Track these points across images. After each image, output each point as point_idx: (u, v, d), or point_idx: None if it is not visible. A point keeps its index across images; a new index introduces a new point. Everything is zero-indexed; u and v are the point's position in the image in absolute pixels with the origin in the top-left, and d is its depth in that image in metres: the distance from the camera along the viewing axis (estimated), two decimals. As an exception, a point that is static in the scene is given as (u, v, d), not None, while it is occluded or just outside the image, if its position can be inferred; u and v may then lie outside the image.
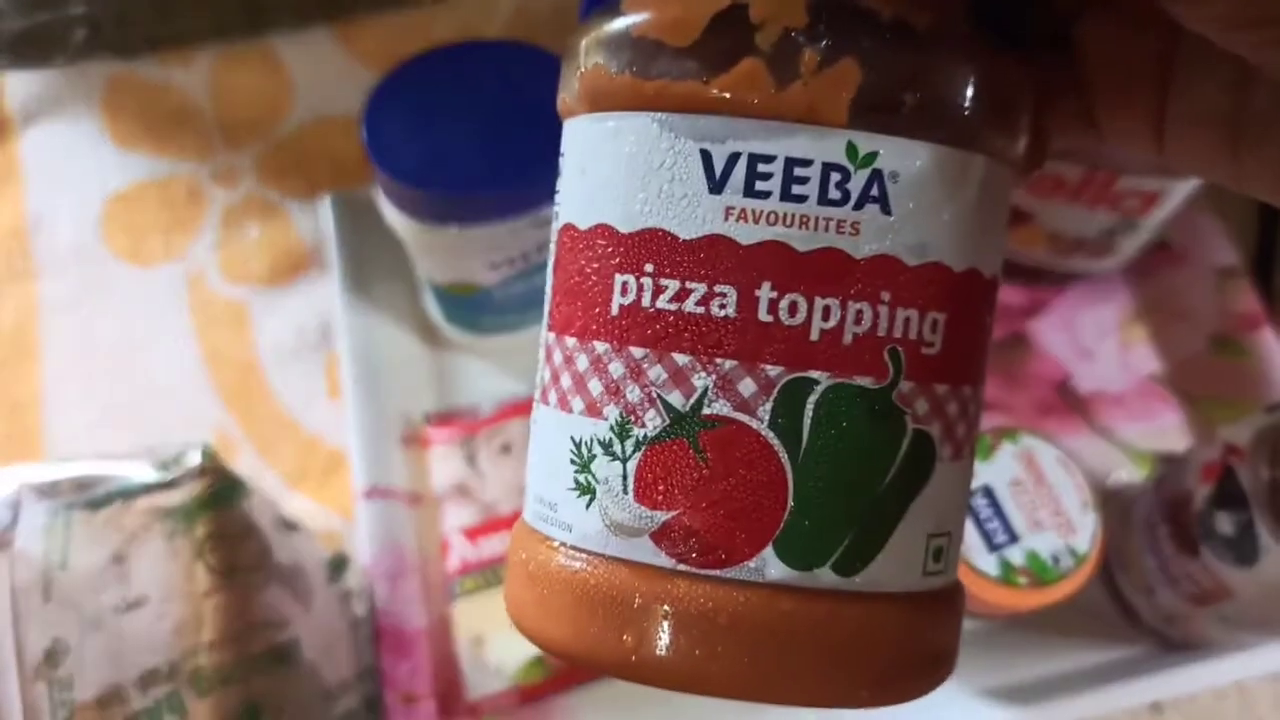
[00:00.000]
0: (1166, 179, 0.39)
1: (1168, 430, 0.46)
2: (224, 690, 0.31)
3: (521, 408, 0.43)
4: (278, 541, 0.35)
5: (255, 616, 0.32)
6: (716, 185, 0.17)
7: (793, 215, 0.17)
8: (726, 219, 0.17)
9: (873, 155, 0.17)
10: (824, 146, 0.17)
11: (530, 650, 0.39)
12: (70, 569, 0.32)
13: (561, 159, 0.20)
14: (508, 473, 0.42)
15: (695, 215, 0.17)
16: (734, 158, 0.17)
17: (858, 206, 0.17)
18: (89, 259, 0.49)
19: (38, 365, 0.47)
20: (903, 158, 0.17)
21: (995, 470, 0.31)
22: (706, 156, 0.17)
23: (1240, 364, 0.47)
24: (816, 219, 0.17)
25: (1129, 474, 0.44)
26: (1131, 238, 0.44)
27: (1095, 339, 0.47)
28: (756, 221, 0.17)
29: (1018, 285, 0.48)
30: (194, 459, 0.33)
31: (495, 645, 0.39)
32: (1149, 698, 0.40)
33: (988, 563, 0.30)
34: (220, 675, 0.31)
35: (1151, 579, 0.38)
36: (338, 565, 0.40)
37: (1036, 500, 0.31)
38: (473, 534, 0.41)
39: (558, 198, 0.20)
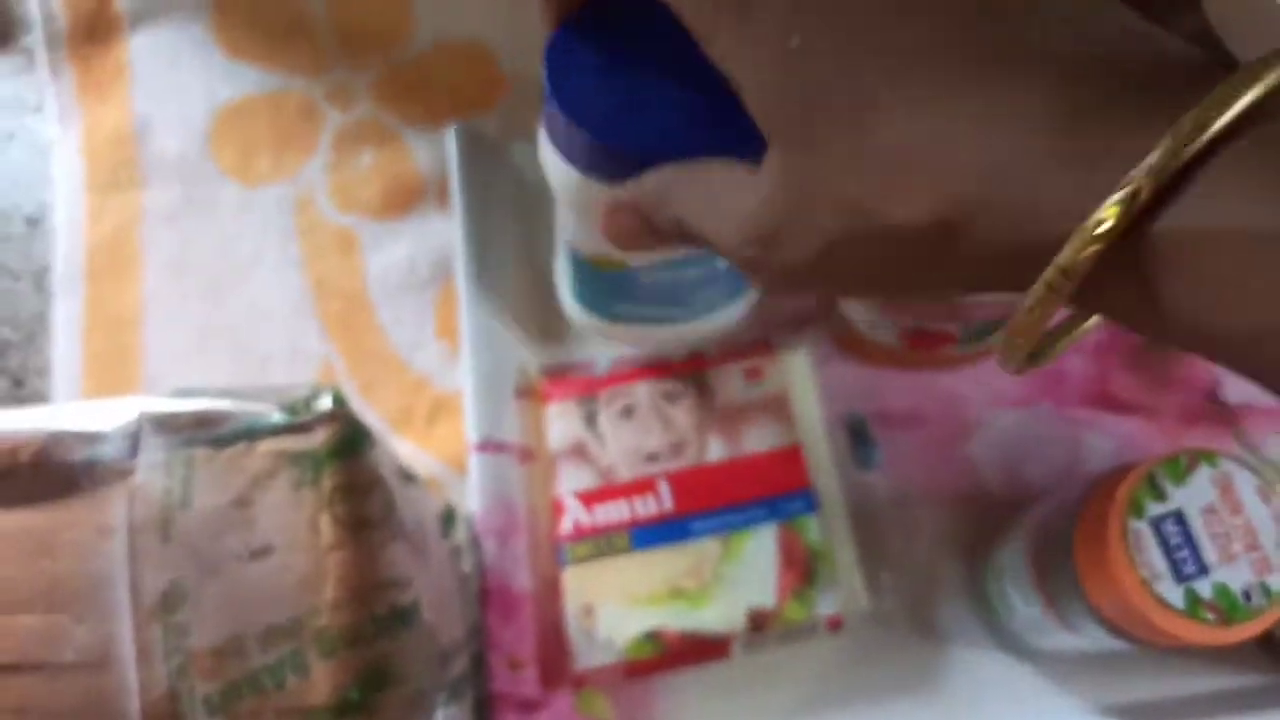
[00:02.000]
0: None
1: (1321, 450, 0.43)
2: (347, 652, 0.29)
3: (643, 371, 0.41)
4: (400, 494, 0.33)
5: (380, 575, 0.31)
6: None
7: None
8: None
9: None
10: None
11: (642, 625, 0.37)
12: (192, 509, 0.30)
13: None
14: (627, 437, 0.40)
15: None
16: None
17: None
18: (194, 173, 0.47)
19: (138, 281, 0.46)
20: None
21: (1189, 495, 0.29)
22: None
23: None
24: None
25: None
26: None
27: (1250, 345, 0.44)
28: None
29: None
30: (324, 403, 0.32)
31: (605, 617, 0.37)
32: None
33: (1174, 594, 0.28)
34: (345, 636, 0.29)
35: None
36: (449, 519, 0.38)
37: (1231, 530, 0.29)
38: (589, 499, 0.39)
39: None
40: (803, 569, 0.38)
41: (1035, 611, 0.34)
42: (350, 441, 0.31)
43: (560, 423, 0.40)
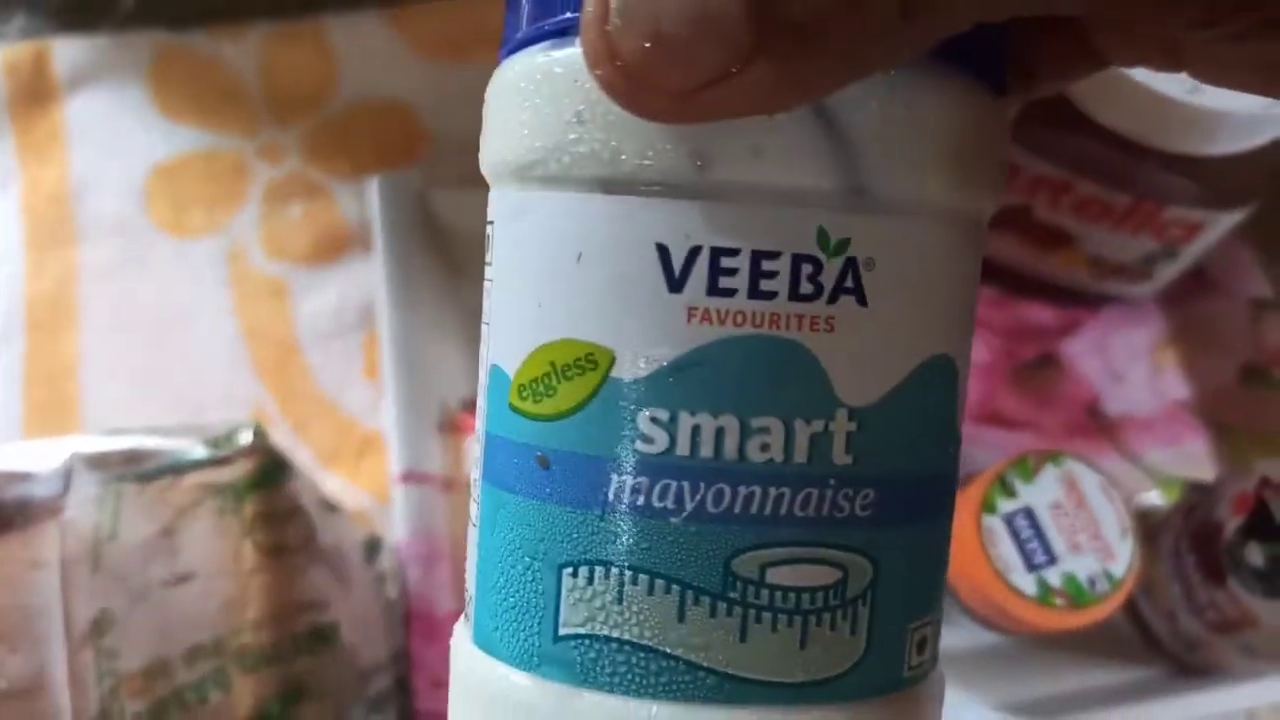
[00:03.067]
0: (1213, 211, 0.40)
1: (1194, 457, 0.46)
2: (268, 669, 0.31)
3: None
4: (321, 522, 0.35)
5: (299, 596, 0.33)
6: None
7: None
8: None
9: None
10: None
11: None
12: (120, 540, 0.32)
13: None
14: (543, 465, 0.42)
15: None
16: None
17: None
18: (131, 228, 0.49)
19: (76, 333, 0.48)
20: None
21: (1037, 492, 0.32)
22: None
23: (1271, 396, 0.47)
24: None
25: (1155, 497, 0.45)
26: (1170, 266, 0.44)
27: (1126, 362, 0.48)
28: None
29: (1052, 306, 0.48)
30: (245, 438, 0.34)
31: (524, 635, 0.39)
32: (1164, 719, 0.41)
33: (1026, 582, 0.31)
34: (265, 654, 0.31)
35: (1175, 605, 0.39)
36: (373, 547, 0.40)
37: (1076, 524, 0.32)
38: (506, 524, 0.41)
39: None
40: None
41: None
42: (270, 472, 0.34)
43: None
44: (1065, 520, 0.32)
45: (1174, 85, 0.34)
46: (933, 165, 0.16)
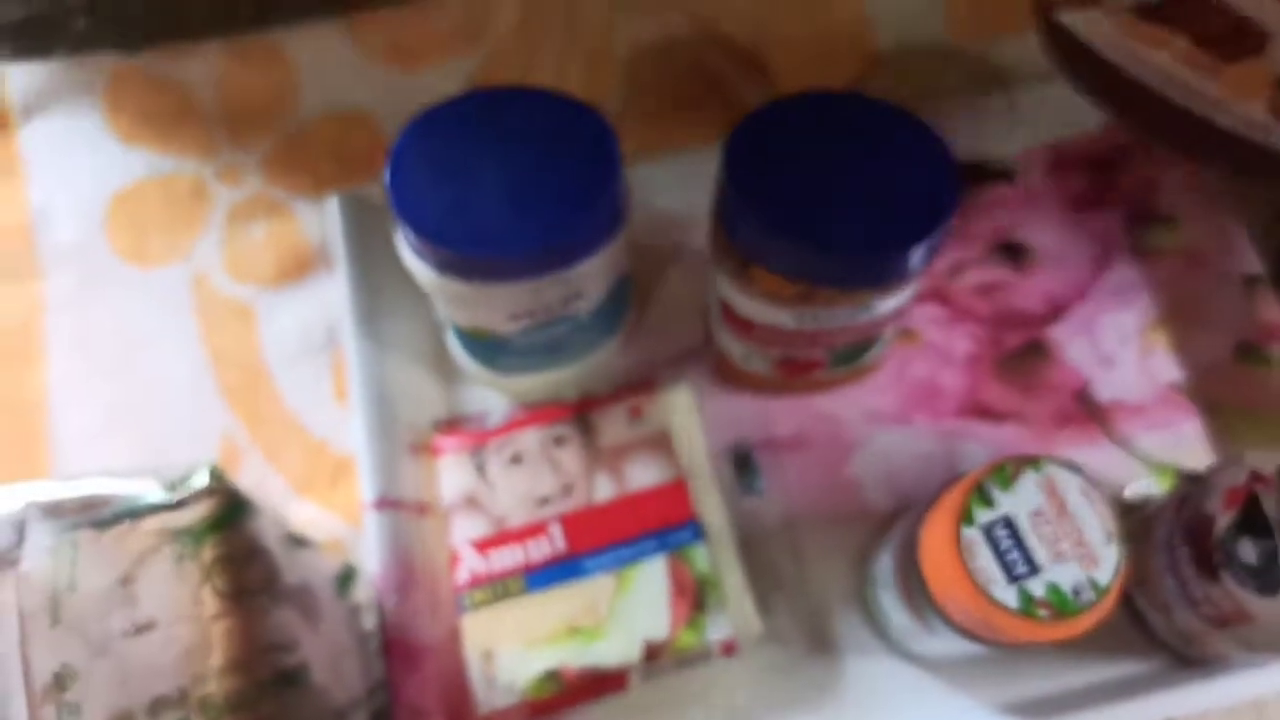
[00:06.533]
0: None
1: (1188, 440, 0.45)
2: (234, 717, 0.30)
3: (531, 418, 0.43)
4: (286, 560, 0.34)
5: (264, 640, 0.32)
6: None
7: None
8: None
9: None
10: None
11: (541, 665, 0.38)
12: (78, 591, 0.32)
13: None
14: (518, 484, 0.41)
15: None
16: None
17: None
18: (92, 258, 0.48)
19: (42, 366, 0.47)
20: None
21: (1017, 500, 0.31)
22: None
23: (1266, 373, 0.46)
24: None
25: (1148, 485, 0.43)
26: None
27: (1116, 345, 0.47)
28: None
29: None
30: (201, 479, 0.33)
31: (504, 660, 0.39)
32: (1162, 714, 0.40)
33: (1007, 594, 0.30)
34: (230, 701, 0.31)
35: (1170, 598, 0.38)
36: (346, 579, 0.39)
37: (1059, 531, 0.30)
38: (483, 546, 0.40)
39: None
40: (693, 597, 0.40)
41: (906, 619, 0.36)
42: (228, 514, 0.33)
43: (452, 475, 0.42)
44: (1047, 528, 0.30)
45: None
46: None
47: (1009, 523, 0.31)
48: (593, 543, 0.40)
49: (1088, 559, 0.30)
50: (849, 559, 0.42)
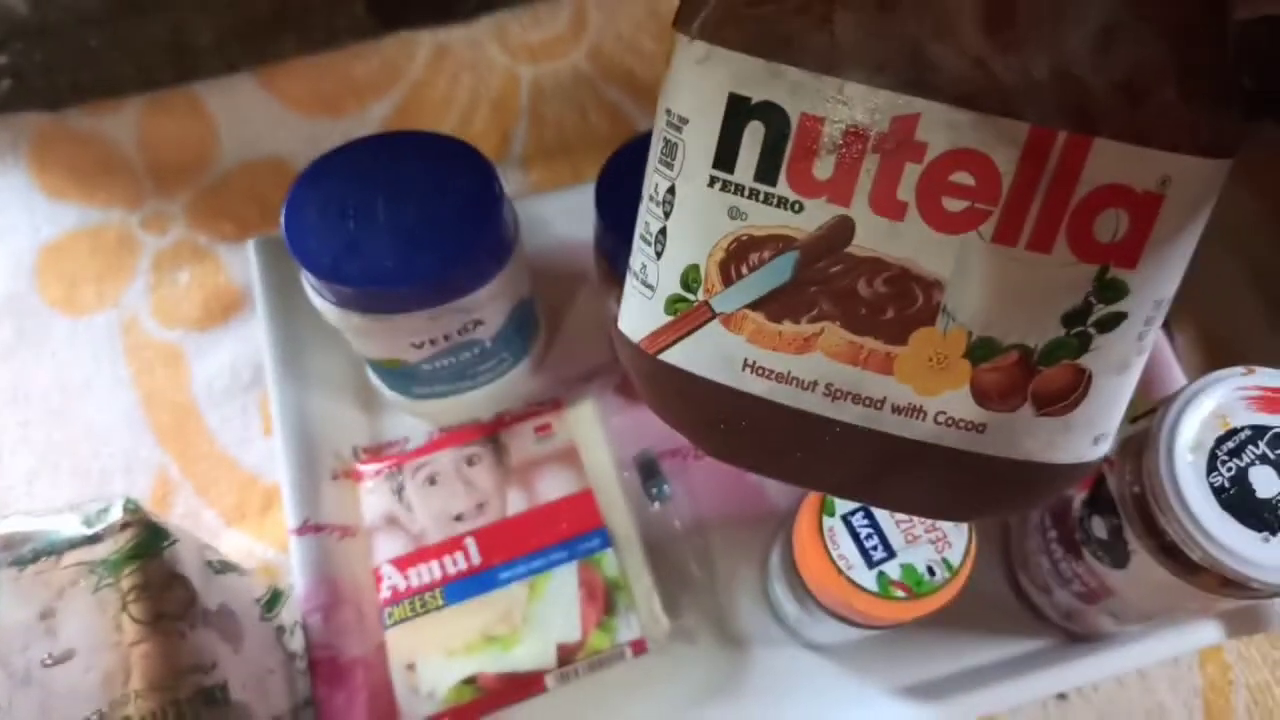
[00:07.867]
0: None
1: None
2: (153, 735, 0.32)
3: (446, 440, 0.45)
4: (205, 585, 0.36)
5: (183, 661, 0.34)
6: None
7: None
8: None
9: None
10: None
11: (460, 673, 0.41)
12: (1, 627, 0.33)
13: None
14: (434, 503, 0.44)
15: None
16: None
17: None
18: (23, 309, 0.50)
19: (-21, 416, 0.49)
20: None
21: (874, 490, 0.33)
22: None
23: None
24: None
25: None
26: None
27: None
28: None
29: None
30: (116, 513, 0.35)
31: (426, 670, 0.41)
32: (1055, 688, 0.42)
33: (866, 578, 0.32)
34: (149, 721, 0.32)
35: (1047, 578, 0.40)
36: (271, 601, 0.41)
37: (913, 516, 0.33)
38: (402, 564, 0.43)
39: None
40: (603, 601, 0.42)
41: (795, 608, 0.38)
42: (145, 543, 0.35)
43: (372, 498, 0.44)
44: (902, 514, 0.33)
45: None
46: None
47: (867, 511, 0.33)
48: (506, 555, 0.42)
49: (941, 541, 0.33)
50: (753, 558, 0.45)
